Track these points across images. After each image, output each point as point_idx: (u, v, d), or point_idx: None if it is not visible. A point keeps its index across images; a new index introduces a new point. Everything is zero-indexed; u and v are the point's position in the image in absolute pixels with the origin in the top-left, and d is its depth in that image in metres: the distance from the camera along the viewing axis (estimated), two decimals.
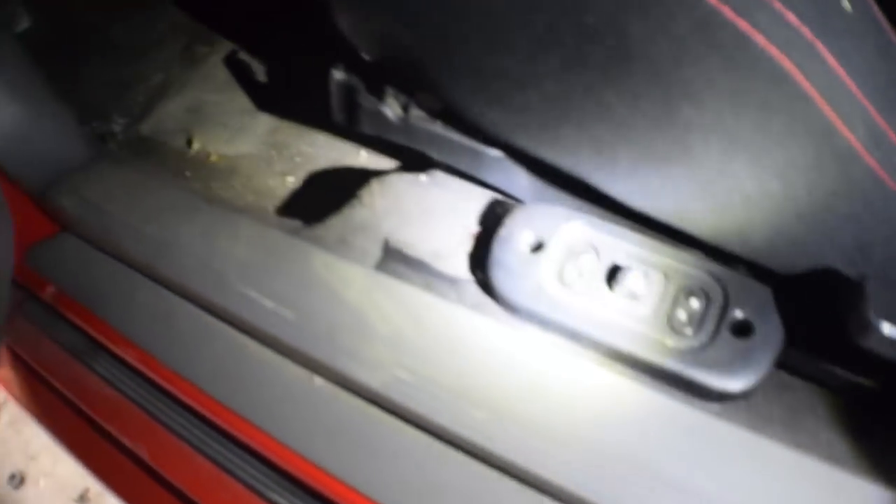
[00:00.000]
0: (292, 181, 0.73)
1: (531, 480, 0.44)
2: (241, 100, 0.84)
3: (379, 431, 0.49)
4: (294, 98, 0.78)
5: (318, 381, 0.52)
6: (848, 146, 0.38)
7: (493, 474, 0.45)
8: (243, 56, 0.87)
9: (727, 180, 0.42)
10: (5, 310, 0.68)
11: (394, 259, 0.55)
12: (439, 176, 0.60)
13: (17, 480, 1.09)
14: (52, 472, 1.09)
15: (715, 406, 0.48)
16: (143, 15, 0.93)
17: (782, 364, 0.52)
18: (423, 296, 0.51)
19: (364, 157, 0.73)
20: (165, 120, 0.84)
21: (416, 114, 0.57)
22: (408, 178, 0.60)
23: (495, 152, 0.54)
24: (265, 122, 0.81)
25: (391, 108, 0.57)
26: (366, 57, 0.53)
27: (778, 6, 0.34)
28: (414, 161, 0.61)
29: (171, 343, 0.58)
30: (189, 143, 0.80)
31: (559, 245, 0.51)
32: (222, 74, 0.87)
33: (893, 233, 0.42)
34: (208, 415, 0.56)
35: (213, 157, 0.78)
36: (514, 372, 0.47)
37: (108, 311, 0.63)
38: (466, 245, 0.55)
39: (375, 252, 0.56)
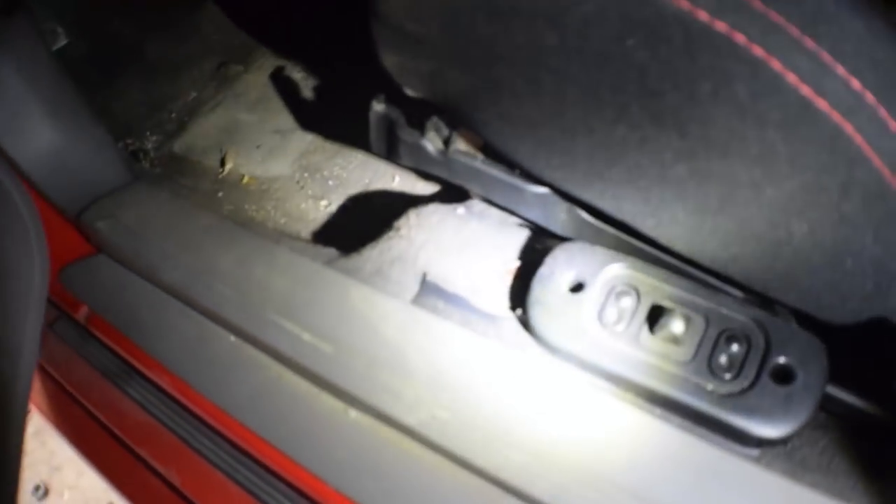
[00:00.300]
0: (325, 205, 0.74)
1: None
2: (275, 120, 0.85)
3: (414, 468, 0.49)
4: (326, 120, 0.79)
5: (354, 413, 0.52)
6: None
7: None
8: (277, 76, 0.88)
9: (778, 233, 0.42)
10: (39, 326, 0.69)
11: (431, 293, 0.55)
12: (477, 207, 0.61)
13: (42, 492, 1.10)
14: (76, 484, 1.10)
15: (754, 451, 0.48)
16: (177, 33, 0.94)
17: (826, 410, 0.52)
18: (462, 332, 0.51)
19: (398, 182, 0.74)
20: (198, 138, 0.85)
21: (457, 148, 0.57)
22: (445, 210, 0.60)
23: (539, 189, 0.54)
24: (298, 143, 0.81)
25: (431, 142, 0.57)
26: (409, 93, 0.53)
27: (842, 72, 0.34)
28: (450, 187, 0.62)
29: (203, 370, 0.59)
30: (222, 162, 0.81)
31: (600, 286, 0.51)
32: (256, 93, 0.88)
33: None
34: (241, 443, 0.57)
35: (246, 179, 0.79)
36: (553, 413, 0.47)
37: (140, 335, 0.63)
38: (505, 281, 0.55)
39: (413, 285, 0.56)
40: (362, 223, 0.62)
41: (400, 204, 0.63)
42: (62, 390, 0.73)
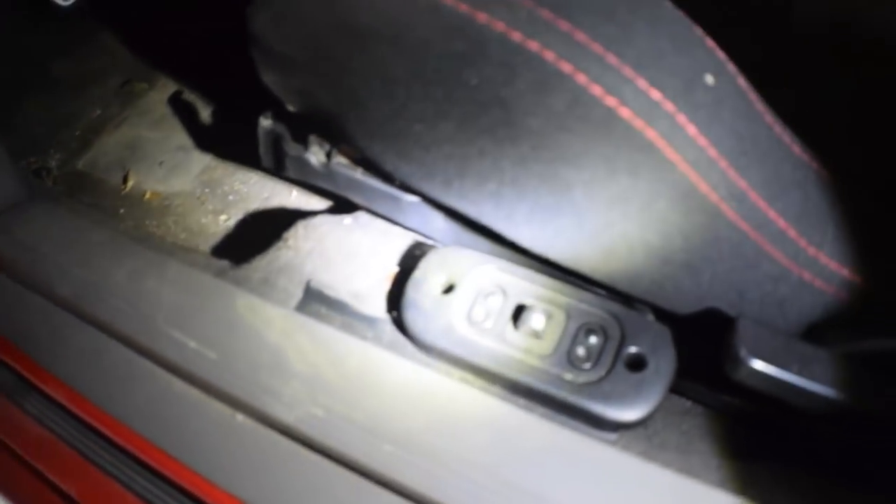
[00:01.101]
0: (224, 219, 0.76)
1: None
2: (178, 137, 0.86)
3: (296, 465, 0.52)
4: (228, 137, 0.81)
5: (240, 417, 0.55)
6: (712, 204, 0.42)
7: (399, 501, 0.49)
8: (181, 94, 0.90)
9: (611, 232, 0.46)
10: None
11: (315, 300, 0.58)
12: (363, 218, 0.64)
13: None
14: None
15: (612, 435, 0.52)
16: (82, 50, 0.95)
17: (683, 392, 0.57)
18: (340, 336, 0.54)
19: (295, 197, 0.76)
20: (102, 156, 0.86)
21: (338, 161, 0.60)
22: (332, 220, 0.63)
23: (412, 198, 0.58)
24: (200, 160, 0.83)
25: (315, 156, 0.60)
26: (290, 108, 0.56)
27: (643, 84, 0.38)
28: (342, 202, 0.65)
29: (100, 381, 0.60)
30: (125, 180, 0.82)
31: (469, 287, 0.55)
32: (160, 111, 0.89)
33: (762, 278, 0.47)
34: (137, 452, 0.58)
35: (148, 195, 0.81)
36: (422, 407, 0.50)
37: (36, 349, 0.65)
38: (385, 286, 0.58)
39: (298, 293, 0.59)
40: (257, 236, 0.64)
41: (293, 217, 0.66)
42: None
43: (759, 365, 0.44)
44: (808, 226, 0.45)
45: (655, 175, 0.41)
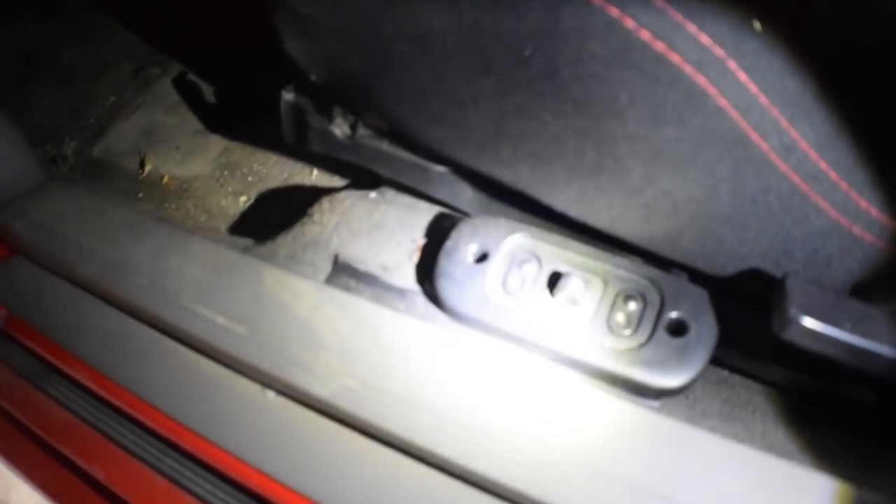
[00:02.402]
0: (245, 200, 0.75)
1: (477, 481, 0.46)
2: (194, 121, 0.85)
3: (331, 441, 0.51)
4: (246, 118, 0.79)
5: (271, 394, 0.53)
6: (762, 154, 0.40)
7: (441, 477, 0.47)
8: (195, 77, 0.88)
9: (654, 188, 0.44)
10: None
11: (343, 273, 0.57)
12: (389, 193, 0.62)
13: None
14: (6, 500, 1.07)
15: (654, 402, 0.50)
16: (95, 37, 0.93)
17: (720, 361, 0.55)
18: (372, 307, 0.52)
19: (315, 176, 0.75)
20: (118, 142, 0.85)
21: (364, 132, 0.59)
22: (357, 195, 0.62)
23: (440, 168, 0.56)
24: (218, 142, 0.82)
25: (339, 128, 0.59)
26: (314, 79, 0.55)
27: (692, 29, 0.36)
28: (365, 179, 0.63)
29: (124, 362, 0.59)
30: (142, 164, 0.81)
31: (502, 255, 0.53)
32: (175, 96, 0.88)
33: (810, 233, 0.45)
34: (164, 433, 0.57)
35: (166, 179, 0.79)
36: (459, 377, 0.48)
37: (59, 332, 0.63)
38: (414, 258, 0.57)
39: (325, 267, 0.57)
40: (279, 214, 0.63)
41: (316, 194, 0.64)
42: None
43: (810, 323, 0.42)
44: (859, 179, 0.43)
45: (704, 123, 0.39)
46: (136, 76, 0.91)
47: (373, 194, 0.62)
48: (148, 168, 0.80)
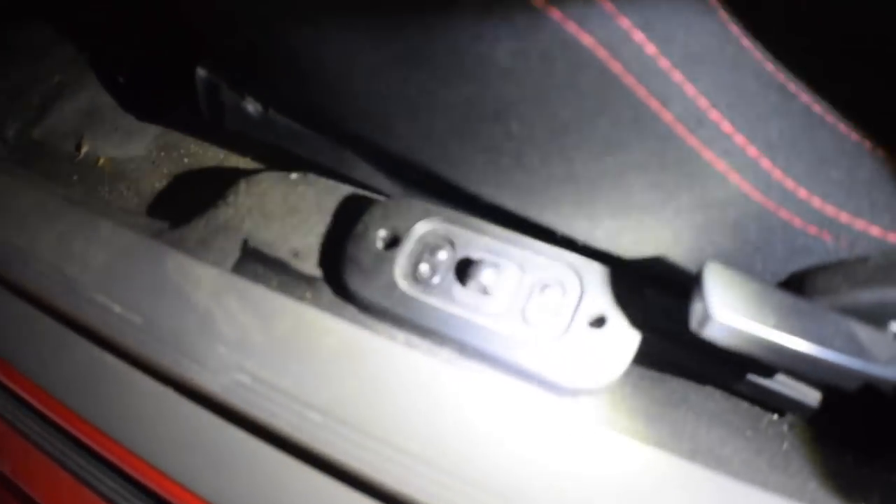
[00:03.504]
0: (177, 181, 0.72)
1: (362, 484, 0.42)
2: (137, 101, 0.82)
3: (224, 437, 0.47)
4: (188, 99, 0.76)
5: (166, 386, 0.50)
6: (667, 126, 0.36)
7: (328, 479, 0.44)
8: (139, 57, 0.85)
9: (572, 173, 0.40)
10: None
11: (252, 259, 0.54)
12: (311, 175, 0.58)
13: None
14: None
15: (571, 400, 0.46)
16: (41, 16, 0.90)
17: (656, 357, 0.51)
18: (273, 296, 0.49)
19: (251, 158, 0.71)
20: (59, 123, 0.82)
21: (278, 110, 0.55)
22: (277, 177, 0.58)
23: (356, 147, 0.53)
24: (158, 123, 0.79)
25: (252, 104, 0.55)
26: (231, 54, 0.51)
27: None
28: (303, 162, 0.59)
29: (25, 351, 0.56)
30: (78, 147, 0.78)
31: (414, 240, 0.49)
32: (115, 71, 0.85)
33: (735, 217, 0.41)
34: (65, 425, 0.54)
35: (102, 161, 0.76)
36: (358, 373, 0.45)
37: None
38: (326, 243, 0.53)
39: (235, 252, 0.54)
40: (201, 197, 0.60)
41: (239, 176, 0.61)
42: None
43: (729, 319, 0.38)
44: (782, 154, 0.39)
45: (628, 113, 0.35)
46: (80, 55, 0.88)
47: (294, 176, 0.58)
48: (85, 150, 0.77)
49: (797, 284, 0.43)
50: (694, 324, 0.39)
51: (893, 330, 0.41)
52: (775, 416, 0.51)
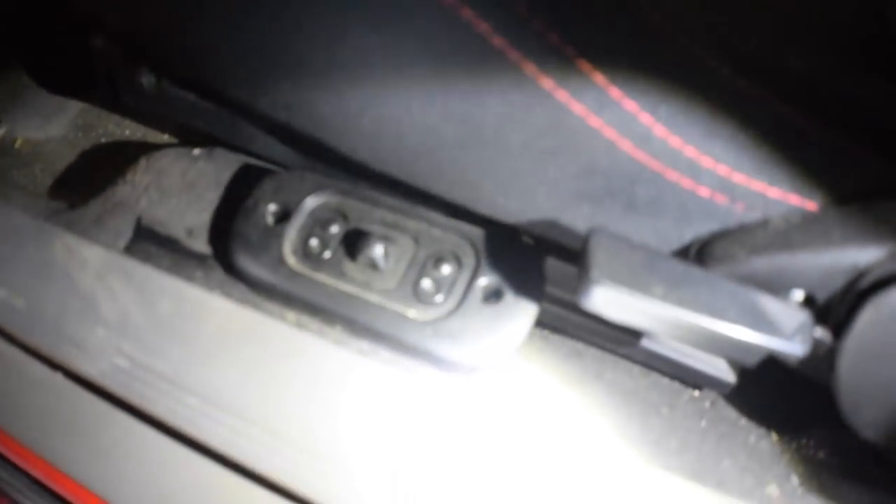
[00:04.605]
0: (90, 162, 0.70)
1: (243, 471, 0.41)
2: (59, 80, 0.80)
3: (104, 423, 0.46)
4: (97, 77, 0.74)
5: (50, 371, 0.49)
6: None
7: (209, 465, 0.42)
8: (61, 34, 0.83)
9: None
10: None
11: (145, 238, 0.52)
12: (218, 150, 0.57)
13: None
14: None
15: (467, 378, 0.45)
16: None
17: (569, 331, 0.50)
18: (157, 276, 0.47)
19: (169, 134, 0.70)
20: None
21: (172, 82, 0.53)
22: (178, 152, 0.57)
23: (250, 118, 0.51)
24: (79, 103, 0.77)
25: (146, 77, 0.53)
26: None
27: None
28: (211, 139, 0.58)
29: None
30: None
31: (305, 214, 0.48)
32: (42, 52, 0.83)
33: (618, 176, 0.39)
34: None
35: (19, 143, 0.74)
36: (240, 355, 0.43)
37: None
38: (221, 220, 0.51)
39: (128, 232, 0.52)
40: (104, 176, 0.58)
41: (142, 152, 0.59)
42: None
43: (608, 291, 0.36)
44: (665, 108, 0.37)
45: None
46: (6, 35, 0.86)
47: (197, 151, 0.57)
48: (2, 132, 0.75)
49: (695, 253, 0.41)
50: (579, 296, 0.38)
51: (795, 299, 0.39)
52: (696, 393, 0.50)
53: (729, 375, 0.47)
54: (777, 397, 0.48)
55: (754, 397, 0.49)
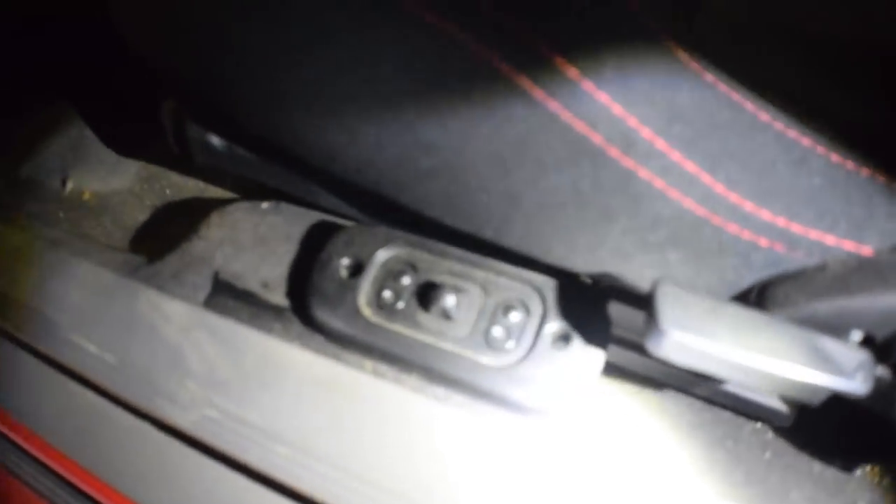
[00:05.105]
0: (160, 214, 0.74)
1: None
2: (120, 133, 0.84)
3: (196, 471, 0.49)
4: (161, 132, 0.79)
5: (142, 422, 0.52)
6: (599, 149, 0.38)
7: None
8: (120, 89, 0.88)
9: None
10: None
11: (223, 292, 0.55)
12: (283, 203, 0.60)
13: None
14: None
15: (540, 422, 0.47)
16: (22, 56, 0.94)
17: (631, 373, 0.52)
18: (241, 330, 0.51)
19: (229, 186, 0.74)
20: (46, 159, 0.85)
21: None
22: (248, 207, 0.60)
23: (318, 177, 0.54)
24: (141, 155, 0.81)
25: (217, 138, 0.57)
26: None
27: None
28: (265, 190, 0.61)
29: (9, 392, 0.59)
30: (64, 182, 0.81)
31: (377, 267, 0.51)
32: (101, 107, 0.87)
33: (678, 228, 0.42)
34: (46, 460, 0.57)
35: (87, 195, 0.79)
36: (324, 404, 0.46)
37: None
38: (295, 273, 0.55)
39: (206, 286, 0.56)
40: (178, 230, 0.62)
41: (213, 207, 0.63)
42: None
43: (679, 336, 0.39)
44: (723, 167, 0.40)
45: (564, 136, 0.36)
46: (64, 91, 0.91)
47: (265, 205, 0.60)
48: (70, 185, 0.80)
49: (756, 298, 0.44)
50: (648, 343, 0.40)
51: (854, 339, 0.42)
52: (759, 425, 0.52)
53: (790, 408, 0.49)
54: (840, 430, 0.50)
55: (818, 429, 0.51)
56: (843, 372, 0.39)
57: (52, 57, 0.93)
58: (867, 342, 0.41)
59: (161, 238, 0.72)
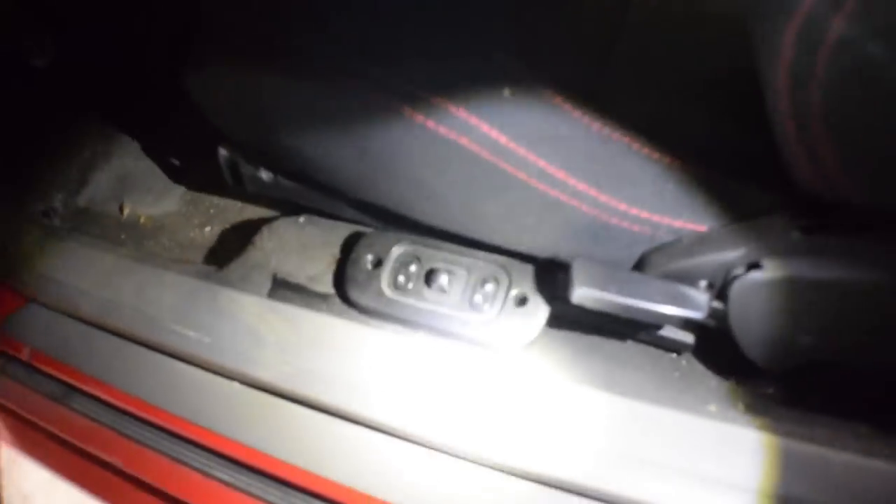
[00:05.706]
0: (208, 230, 1.07)
1: (369, 426, 0.78)
2: (161, 164, 1.18)
3: (276, 411, 0.83)
4: (204, 159, 1.12)
5: (236, 384, 0.86)
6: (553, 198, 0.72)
7: (346, 426, 0.79)
8: (154, 125, 1.21)
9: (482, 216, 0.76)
10: None
11: (280, 287, 0.88)
12: (313, 217, 0.95)
13: None
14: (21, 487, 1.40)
15: (507, 357, 0.81)
16: (67, 97, 1.25)
17: (573, 323, 0.85)
18: (299, 311, 0.83)
19: (261, 206, 1.07)
20: (98, 190, 1.17)
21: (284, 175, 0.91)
22: (289, 222, 0.94)
23: (345, 198, 0.88)
24: (182, 182, 1.15)
25: (265, 173, 0.91)
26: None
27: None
28: (296, 205, 0.95)
29: (126, 375, 0.92)
30: (121, 209, 1.14)
31: (392, 260, 0.85)
32: (139, 143, 1.20)
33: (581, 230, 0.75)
34: (161, 422, 0.90)
35: (143, 219, 1.12)
36: (362, 356, 0.81)
37: (73, 360, 0.96)
38: (332, 269, 0.89)
39: (267, 283, 0.89)
40: (234, 241, 0.95)
41: (259, 223, 0.97)
42: (20, 419, 1.07)
43: (586, 291, 0.72)
44: (605, 182, 0.74)
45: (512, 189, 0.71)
46: (104, 128, 1.24)
47: (301, 219, 0.94)
48: (126, 211, 1.13)
49: (636, 265, 0.78)
50: (569, 296, 0.75)
51: (702, 285, 0.76)
52: (674, 356, 0.86)
53: (688, 337, 0.83)
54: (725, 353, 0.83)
55: (721, 359, 0.84)
56: (693, 306, 0.73)
57: (97, 98, 1.25)
58: (709, 287, 0.75)
59: (219, 251, 1.06)
